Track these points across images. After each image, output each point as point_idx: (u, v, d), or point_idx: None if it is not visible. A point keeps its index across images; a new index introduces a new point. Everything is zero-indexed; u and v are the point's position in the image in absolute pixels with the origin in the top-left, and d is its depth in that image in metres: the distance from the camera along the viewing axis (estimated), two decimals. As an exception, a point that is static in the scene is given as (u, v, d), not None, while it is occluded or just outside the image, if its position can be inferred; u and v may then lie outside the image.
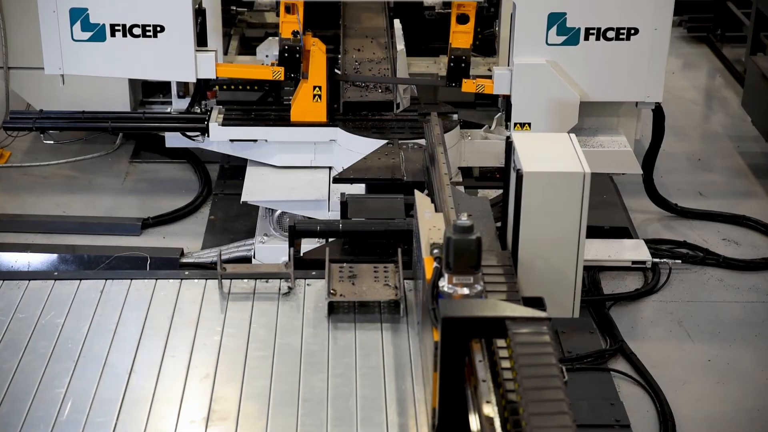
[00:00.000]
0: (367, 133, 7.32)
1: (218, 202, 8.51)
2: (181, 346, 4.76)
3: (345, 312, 4.99)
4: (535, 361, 3.58)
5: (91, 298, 5.10)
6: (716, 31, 12.17)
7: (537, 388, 3.49)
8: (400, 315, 4.95)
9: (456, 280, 4.10)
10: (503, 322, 3.73)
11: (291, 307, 5.04)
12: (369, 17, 8.85)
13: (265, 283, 5.21)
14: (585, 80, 7.17)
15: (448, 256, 4.08)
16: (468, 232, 4.02)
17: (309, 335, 4.84)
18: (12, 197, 8.59)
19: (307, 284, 5.20)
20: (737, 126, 10.03)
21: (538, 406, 3.41)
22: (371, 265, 5.24)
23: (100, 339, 4.81)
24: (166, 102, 8.90)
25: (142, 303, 5.07)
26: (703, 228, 8.25)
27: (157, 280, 5.25)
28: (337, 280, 5.07)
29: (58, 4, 6.93)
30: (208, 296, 5.13)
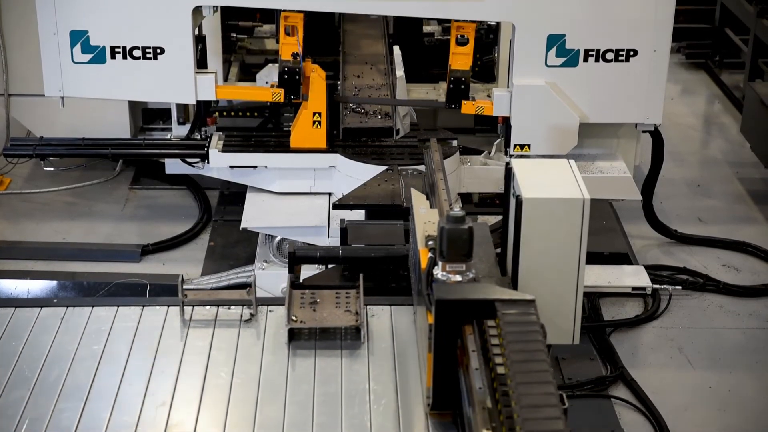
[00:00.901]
0: (366, 159, 7.33)
1: (218, 229, 8.51)
2: (139, 374, 4.75)
3: (306, 338, 4.98)
4: (522, 337, 3.89)
5: (52, 325, 5.08)
6: (715, 57, 12.22)
7: (524, 361, 3.77)
8: (361, 341, 4.95)
9: (449, 267, 4.34)
10: (493, 304, 4.07)
11: (252, 334, 5.03)
12: (368, 44, 8.88)
13: (228, 309, 5.20)
14: (584, 102, 7.18)
15: (442, 245, 4.33)
16: (460, 222, 4.29)
17: (268, 362, 4.84)
18: (12, 224, 8.58)
19: (270, 311, 5.19)
20: (736, 152, 10.04)
21: (525, 376, 3.69)
22: (333, 291, 5.26)
23: (58, 366, 4.79)
24: (166, 128, 8.92)
25: (103, 330, 5.05)
26: (703, 254, 8.24)
27: (119, 307, 5.23)
28: (298, 307, 5.07)
29: (58, 27, 6.96)
30: (169, 323, 5.11)
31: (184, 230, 8.46)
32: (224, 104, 8.69)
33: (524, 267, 5.24)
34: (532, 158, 7.23)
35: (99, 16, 6.92)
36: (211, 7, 7.08)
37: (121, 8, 6.89)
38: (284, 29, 7.17)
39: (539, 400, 3.62)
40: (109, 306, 5.23)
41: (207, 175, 7.81)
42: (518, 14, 6.95)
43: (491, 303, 4.09)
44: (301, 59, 7.19)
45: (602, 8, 6.92)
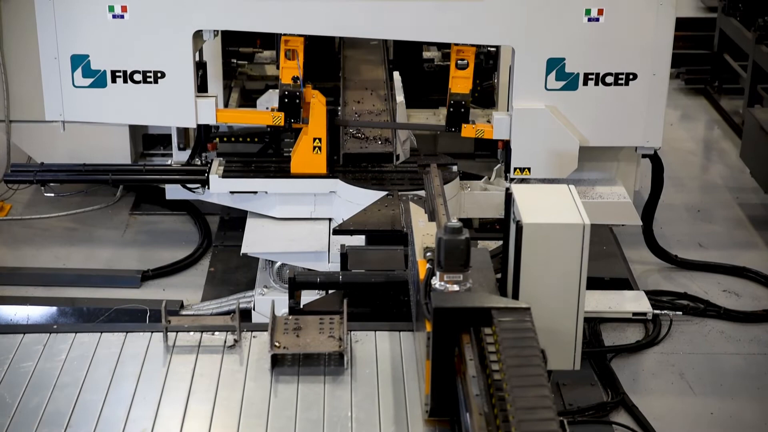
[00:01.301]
0: (366, 185, 7.34)
1: (218, 254, 8.50)
2: (120, 400, 4.73)
3: (289, 364, 4.97)
4: (518, 343, 4.03)
5: (34, 351, 5.06)
6: (714, 83, 12.25)
7: (519, 366, 3.90)
8: (344, 366, 4.94)
9: (447, 277, 4.47)
10: (489, 312, 4.22)
11: (235, 360, 5.02)
12: (369, 69, 8.91)
13: (211, 335, 5.19)
14: (584, 125, 7.19)
15: (440, 255, 4.47)
16: (458, 233, 4.43)
17: (251, 388, 4.82)
18: (12, 250, 8.58)
19: (253, 336, 5.18)
20: (736, 177, 10.05)
21: (520, 380, 3.82)
22: (317, 316, 5.26)
23: (39, 392, 4.76)
24: (166, 154, 8.94)
25: (85, 356, 5.03)
26: (704, 279, 8.23)
27: (102, 333, 5.21)
28: (281, 333, 5.06)
29: (59, 51, 6.99)
30: (153, 349, 5.10)
31: (185, 256, 8.46)
32: (225, 130, 8.71)
33: (524, 292, 5.23)
34: (532, 183, 7.24)
35: (100, 40, 6.95)
36: (211, 31, 7.11)
37: (122, 32, 6.92)
38: (284, 53, 7.19)
39: (534, 403, 3.73)
40: (91, 332, 5.21)
41: (207, 200, 7.81)
42: (518, 38, 6.97)
43: (488, 311, 4.24)
44: (301, 83, 7.21)
45: (601, 32, 6.95)
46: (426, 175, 6.93)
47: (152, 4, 6.90)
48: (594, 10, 6.90)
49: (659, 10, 6.91)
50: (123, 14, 6.90)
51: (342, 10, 6.93)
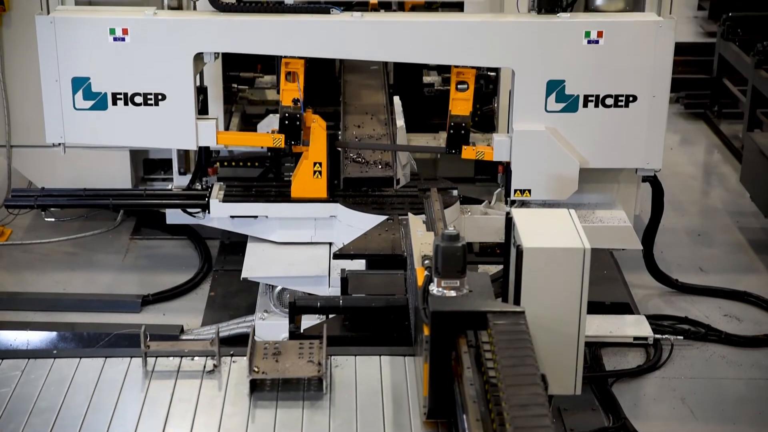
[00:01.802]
0: (367, 209, 7.34)
1: (218, 278, 8.50)
2: (97, 426, 4.71)
3: (268, 389, 4.96)
4: (512, 344, 4.24)
5: (12, 377, 5.05)
6: (713, 107, 12.28)
7: (513, 365, 4.10)
8: (323, 392, 4.92)
9: (444, 283, 4.65)
10: (485, 316, 4.43)
11: (213, 385, 5.01)
12: (369, 94, 8.93)
13: (191, 360, 5.18)
14: (584, 147, 7.19)
15: (437, 262, 4.65)
16: (455, 240, 4.63)
17: (229, 413, 4.81)
18: (12, 275, 8.58)
19: (233, 361, 5.18)
20: (736, 201, 10.05)
21: (514, 379, 4.02)
22: (297, 341, 5.28)
23: (15, 419, 4.74)
24: (167, 179, 8.95)
25: (63, 381, 5.01)
26: (705, 303, 8.22)
27: (81, 358, 5.20)
28: (260, 358, 5.06)
29: (60, 74, 7.00)
30: (131, 374, 5.09)
31: (185, 280, 8.45)
32: (225, 154, 8.72)
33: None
34: (532, 208, 7.25)
35: (101, 62, 6.96)
36: (212, 53, 7.12)
37: (123, 55, 6.94)
38: (285, 75, 7.21)
39: (527, 400, 3.92)
40: (70, 357, 5.19)
41: (208, 225, 7.81)
42: (517, 60, 6.99)
43: (483, 314, 4.45)
44: (302, 105, 7.22)
45: (601, 54, 6.96)
46: (426, 199, 6.94)
47: (153, 27, 6.92)
48: (594, 32, 6.92)
49: (658, 32, 6.94)
50: (124, 37, 6.92)
51: (342, 33, 6.95)
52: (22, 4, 8.45)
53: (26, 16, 8.21)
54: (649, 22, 6.98)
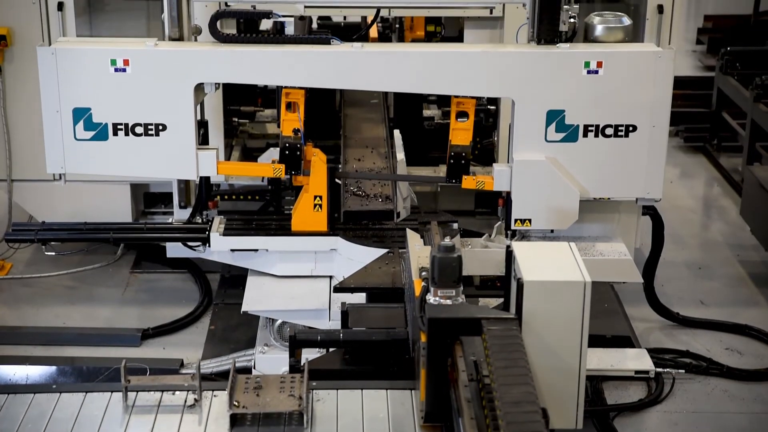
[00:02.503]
0: (367, 242, 7.35)
1: (219, 312, 8.48)
2: None
3: (248, 424, 4.94)
4: (506, 348, 4.48)
5: None
6: (713, 141, 12.32)
7: (506, 367, 4.33)
8: (304, 426, 4.90)
9: (440, 293, 4.89)
10: (479, 322, 4.65)
11: (194, 420, 4.98)
12: (369, 128, 8.96)
13: (172, 395, 5.15)
14: (585, 177, 7.19)
15: (434, 272, 4.89)
16: (451, 251, 4.88)
17: None
18: (12, 309, 8.57)
19: (214, 395, 5.15)
20: (736, 235, 10.06)
21: (507, 379, 4.24)
22: (278, 375, 5.30)
23: None
24: (167, 212, 8.95)
25: (42, 417, 4.97)
26: (706, 337, 8.20)
27: (61, 393, 5.17)
28: (241, 392, 5.04)
29: (61, 104, 7.01)
30: (111, 409, 5.05)
31: (185, 314, 8.44)
32: (225, 188, 8.74)
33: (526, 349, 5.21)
34: (532, 241, 7.25)
35: (102, 93, 6.98)
36: (212, 84, 7.15)
37: (124, 86, 6.96)
38: (285, 105, 7.23)
39: (520, 398, 4.14)
40: (50, 393, 5.16)
41: (208, 258, 7.81)
42: (517, 90, 7.01)
43: (478, 321, 4.67)
44: (302, 135, 7.24)
45: (601, 84, 6.98)
46: (427, 232, 6.94)
47: (154, 58, 6.95)
48: (593, 62, 6.94)
49: (658, 63, 6.96)
50: (125, 68, 6.95)
51: (342, 63, 6.98)
52: (25, 39, 8.50)
53: (28, 51, 8.27)
54: (648, 52, 7.01)
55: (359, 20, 10.49)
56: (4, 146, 8.76)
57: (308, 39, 7.05)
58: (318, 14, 9.88)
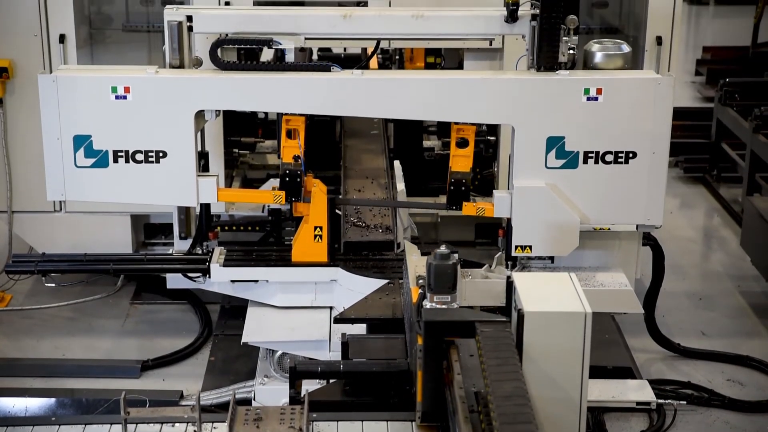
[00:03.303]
0: (367, 273, 7.34)
1: (219, 343, 8.47)
2: None
3: None
4: (497, 347, 4.78)
5: None
6: (712, 171, 12.34)
7: (498, 365, 4.61)
8: None
9: (437, 299, 5.15)
10: (473, 324, 4.94)
11: None
12: (369, 158, 8.98)
13: (171, 427, 5.13)
14: (585, 203, 7.19)
15: (430, 279, 5.17)
16: (446, 258, 5.18)
17: None
18: (12, 341, 8.55)
19: (214, 427, 5.13)
20: (737, 265, 10.05)
21: (498, 375, 4.54)
22: (278, 406, 5.34)
23: None
24: (167, 243, 8.95)
25: None
26: (707, 368, 8.18)
27: (60, 426, 5.14)
28: (241, 424, 5.02)
29: (62, 132, 7.01)
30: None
31: (185, 345, 8.42)
32: (226, 219, 8.74)
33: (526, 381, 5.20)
34: (533, 271, 7.24)
35: (102, 120, 6.99)
36: (213, 111, 7.16)
37: (125, 113, 6.97)
38: (286, 132, 7.25)
39: (511, 392, 4.43)
40: (49, 425, 5.13)
41: (208, 289, 7.80)
42: (517, 117, 7.02)
43: (471, 323, 4.96)
44: (302, 162, 7.24)
45: (600, 111, 7.00)
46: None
47: (155, 86, 6.97)
48: (593, 89, 6.96)
49: (657, 89, 6.98)
50: (126, 95, 6.96)
51: (342, 90, 7.00)
52: (26, 72, 8.53)
53: (29, 83, 8.29)
54: (648, 79, 7.03)
55: (359, 52, 10.53)
56: (5, 177, 8.78)
57: (308, 66, 7.09)
58: (318, 46, 9.93)
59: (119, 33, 9.64)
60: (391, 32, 7.53)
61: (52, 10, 8.53)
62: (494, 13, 7.17)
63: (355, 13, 7.26)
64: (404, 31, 7.33)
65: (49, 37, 8.56)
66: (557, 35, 6.85)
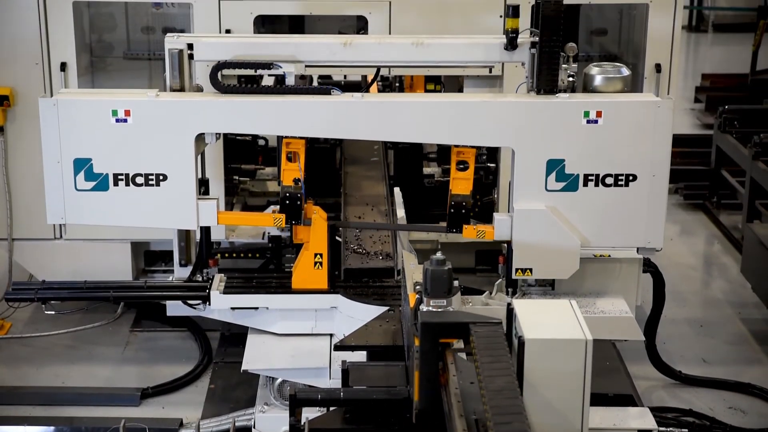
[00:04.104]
0: (368, 300, 7.33)
1: (219, 371, 8.45)
2: None
3: None
4: (490, 345, 4.99)
5: None
6: (712, 198, 12.35)
7: (491, 362, 4.84)
8: None
9: (433, 303, 5.39)
10: (467, 326, 5.14)
11: None
12: (369, 185, 8.99)
13: None
14: (585, 226, 7.18)
15: (426, 283, 5.39)
16: (442, 264, 5.42)
17: None
18: (11, 369, 8.53)
19: None
20: (737, 292, 10.05)
21: (491, 371, 4.76)
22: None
23: None
24: (168, 270, 8.95)
25: None
26: (709, 396, 8.16)
27: None
28: None
29: (62, 155, 7.02)
30: None
31: (185, 372, 8.40)
32: (226, 246, 8.75)
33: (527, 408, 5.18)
34: (533, 299, 7.23)
35: (103, 144, 6.99)
36: (213, 134, 7.17)
37: (125, 136, 6.98)
38: (286, 155, 7.26)
39: (503, 386, 4.66)
40: None
41: (208, 316, 7.79)
42: (517, 140, 7.03)
43: (465, 325, 5.15)
44: (302, 185, 7.25)
45: (600, 134, 7.01)
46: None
47: (155, 109, 6.98)
48: (593, 112, 6.98)
49: (657, 112, 7.00)
50: (126, 118, 6.97)
51: (343, 113, 7.02)
52: (27, 100, 8.57)
53: (30, 111, 8.31)
54: (647, 102, 7.04)
55: (359, 79, 10.57)
56: (5, 205, 8.79)
57: (309, 90, 7.11)
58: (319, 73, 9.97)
59: (120, 60, 9.69)
60: (391, 59, 7.56)
61: (53, 38, 8.57)
62: (494, 40, 7.20)
63: (355, 41, 7.29)
64: (404, 58, 7.36)
65: (50, 65, 8.60)
66: (557, 59, 6.88)
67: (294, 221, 7.32)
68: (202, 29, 8.52)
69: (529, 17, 7.12)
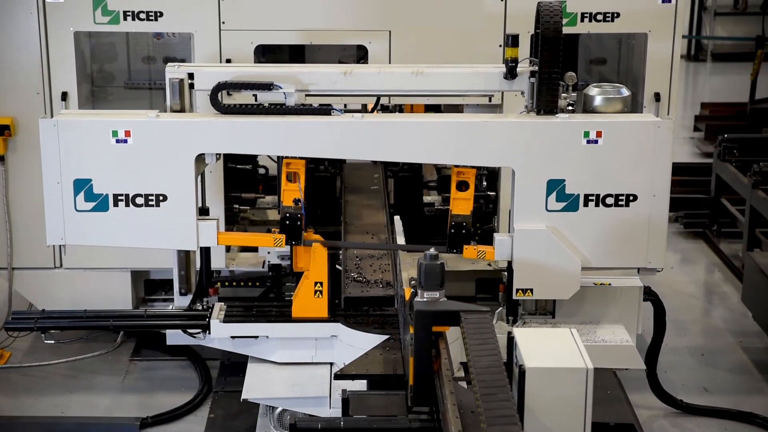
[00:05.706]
0: (368, 329, 7.32)
1: (218, 400, 8.42)
2: None
3: None
4: (479, 331, 5.44)
5: None
6: (712, 227, 12.35)
7: (479, 344, 5.29)
8: None
9: (426, 294, 5.75)
10: (458, 314, 5.60)
11: None
12: (369, 214, 8.99)
13: None
14: (586, 246, 7.18)
15: (420, 277, 5.74)
16: (435, 259, 5.78)
17: None
18: (10, 399, 8.50)
19: None
20: (738, 321, 10.03)
21: (479, 351, 5.23)
22: None
23: None
24: (167, 299, 8.94)
25: None
26: (710, 425, 8.13)
27: None
28: None
29: (62, 176, 7.02)
30: None
31: (185, 401, 8.37)
32: (226, 274, 8.73)
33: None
34: (533, 327, 7.22)
35: (103, 164, 7.00)
36: (214, 154, 7.19)
37: (125, 157, 6.99)
38: (286, 176, 7.27)
39: (490, 364, 5.09)
40: None
41: (208, 345, 7.77)
42: (518, 160, 7.04)
43: (457, 313, 5.61)
44: (303, 206, 7.25)
45: (600, 154, 7.02)
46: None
47: (155, 129, 6.99)
48: (593, 132, 6.99)
49: (657, 132, 7.01)
50: (126, 139, 6.99)
51: (343, 133, 7.04)
52: (28, 129, 8.59)
53: (31, 141, 8.33)
54: (647, 122, 7.06)
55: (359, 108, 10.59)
56: (6, 234, 8.79)
57: (309, 110, 7.14)
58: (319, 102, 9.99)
59: (121, 90, 9.71)
60: (391, 89, 7.59)
61: (54, 68, 8.60)
62: (493, 69, 7.23)
63: (355, 70, 7.32)
64: (404, 87, 7.39)
65: (52, 94, 8.62)
66: (557, 80, 6.91)
67: (294, 242, 7.31)
68: (203, 59, 8.55)
69: (528, 47, 7.16)
